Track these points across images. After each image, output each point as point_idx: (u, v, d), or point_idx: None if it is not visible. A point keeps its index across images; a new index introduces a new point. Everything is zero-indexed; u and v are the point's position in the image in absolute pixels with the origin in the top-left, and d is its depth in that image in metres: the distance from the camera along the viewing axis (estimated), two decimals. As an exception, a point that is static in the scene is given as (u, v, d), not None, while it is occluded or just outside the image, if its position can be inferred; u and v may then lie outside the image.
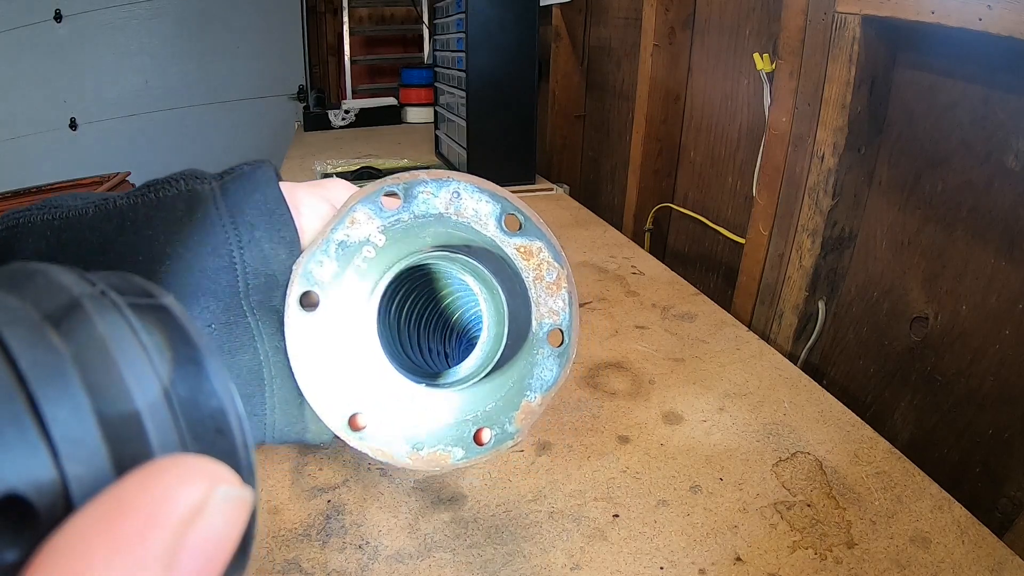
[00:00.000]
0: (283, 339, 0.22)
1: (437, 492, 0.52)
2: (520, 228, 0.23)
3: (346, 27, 2.48)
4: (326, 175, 1.40)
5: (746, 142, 1.02)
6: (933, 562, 0.45)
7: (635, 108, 1.23)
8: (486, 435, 0.24)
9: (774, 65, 0.87)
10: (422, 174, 0.23)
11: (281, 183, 0.23)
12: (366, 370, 0.23)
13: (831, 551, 0.46)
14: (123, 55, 2.89)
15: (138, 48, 2.90)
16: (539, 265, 0.23)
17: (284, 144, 1.98)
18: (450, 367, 0.25)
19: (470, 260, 0.22)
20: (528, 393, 0.23)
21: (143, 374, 0.10)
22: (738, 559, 0.46)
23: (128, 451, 0.09)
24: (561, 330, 0.23)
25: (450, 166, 1.48)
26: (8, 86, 2.76)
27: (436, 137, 1.63)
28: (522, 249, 0.23)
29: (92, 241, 0.19)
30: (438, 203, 0.23)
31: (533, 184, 1.36)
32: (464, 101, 1.27)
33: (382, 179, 0.23)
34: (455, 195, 0.23)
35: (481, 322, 0.24)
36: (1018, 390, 0.62)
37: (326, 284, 0.22)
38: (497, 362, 0.23)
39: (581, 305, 0.83)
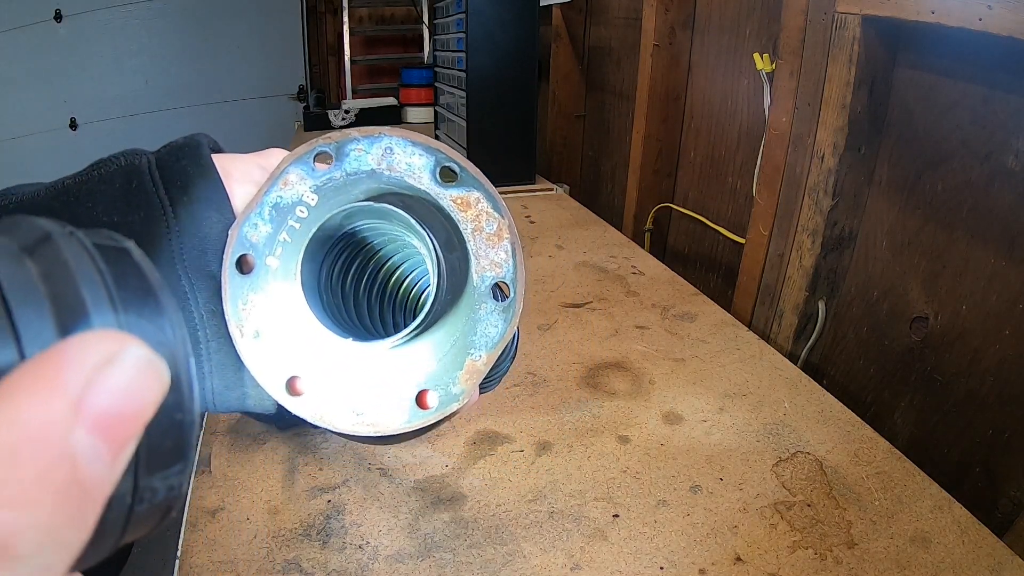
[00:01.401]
0: (219, 303, 0.22)
1: (437, 492, 0.52)
2: (456, 179, 0.22)
3: (346, 27, 2.48)
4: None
5: (746, 142, 1.02)
6: (933, 562, 0.45)
7: (635, 108, 1.23)
8: (431, 398, 0.23)
9: (774, 65, 0.87)
10: (353, 131, 0.22)
11: (217, 154, 0.23)
12: (305, 333, 0.22)
13: (831, 551, 0.46)
14: (123, 55, 2.89)
15: (138, 48, 2.90)
16: (477, 216, 0.22)
17: (284, 144, 1.98)
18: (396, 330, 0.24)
19: (394, 209, 0.20)
20: (472, 351, 0.22)
21: (97, 291, 0.12)
22: (738, 559, 0.46)
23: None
24: (505, 283, 0.22)
25: (450, 166, 1.48)
26: (8, 86, 2.76)
27: (436, 137, 1.63)
28: (459, 200, 0.22)
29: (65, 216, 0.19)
30: (370, 159, 0.22)
31: (533, 184, 1.36)
32: (464, 101, 1.27)
33: (313, 139, 0.23)
34: (387, 151, 0.22)
35: (423, 282, 0.23)
36: (1018, 390, 0.62)
37: (261, 247, 0.22)
38: (430, 319, 0.21)
39: (580, 305, 0.83)
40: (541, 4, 1.28)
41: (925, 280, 0.72)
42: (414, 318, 0.21)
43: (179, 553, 0.45)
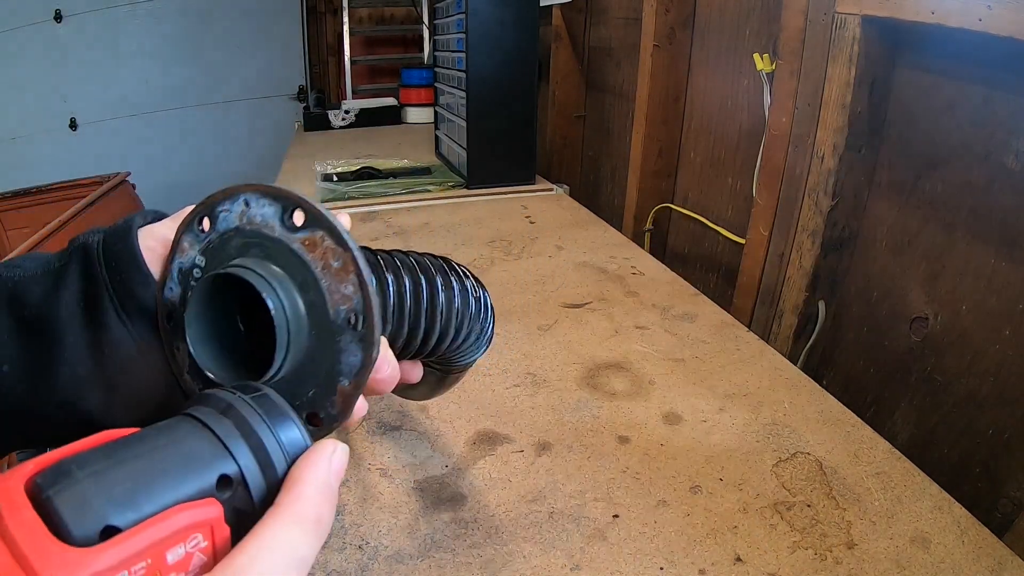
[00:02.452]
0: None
1: (437, 492, 0.52)
2: (304, 222, 0.24)
3: (346, 27, 2.48)
4: (326, 176, 1.40)
5: (746, 142, 1.02)
6: (933, 562, 0.45)
7: (635, 108, 1.23)
8: (317, 419, 0.25)
9: (774, 65, 0.87)
10: (218, 192, 0.25)
11: (148, 226, 0.28)
12: (204, 376, 0.25)
13: (831, 551, 0.46)
14: (123, 55, 2.89)
15: (138, 48, 2.90)
16: (324, 254, 0.23)
17: (284, 144, 1.98)
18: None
19: (242, 267, 0.23)
20: (340, 378, 0.24)
21: (261, 426, 0.20)
22: (738, 559, 0.46)
23: (261, 457, 0.20)
24: (356, 313, 0.23)
25: (450, 166, 1.48)
26: (8, 86, 2.76)
27: (436, 137, 1.63)
28: (307, 241, 0.24)
29: (36, 292, 0.26)
30: (234, 217, 0.25)
31: (533, 184, 1.36)
32: (464, 101, 1.27)
33: (196, 204, 0.26)
34: (246, 205, 0.25)
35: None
36: (1018, 391, 0.62)
37: (178, 304, 0.26)
38: (287, 360, 0.24)
39: (580, 305, 0.83)
40: (541, 4, 1.28)
41: (925, 280, 0.72)
42: (280, 360, 0.24)
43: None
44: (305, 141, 1.92)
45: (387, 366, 0.27)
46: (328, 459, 0.21)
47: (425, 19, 2.26)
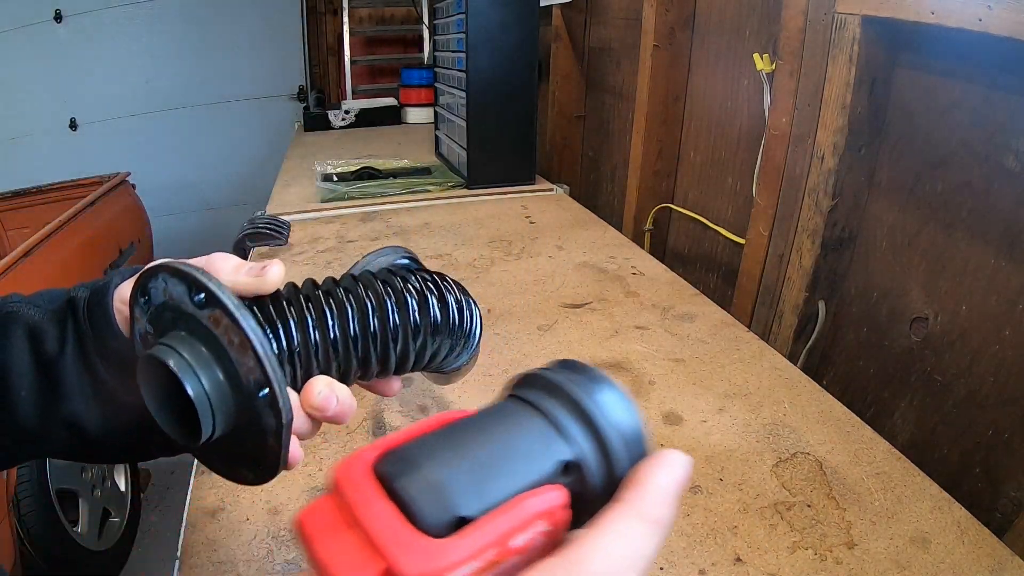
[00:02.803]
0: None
1: (437, 492, 0.52)
2: (204, 300, 0.25)
3: (346, 27, 2.48)
4: (326, 176, 1.40)
5: (746, 142, 1.02)
6: (933, 562, 0.45)
7: (635, 108, 1.23)
8: (258, 469, 0.27)
9: (774, 65, 0.87)
10: (148, 269, 0.27)
11: (125, 282, 0.30)
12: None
13: (831, 551, 0.46)
14: (123, 55, 2.88)
15: (138, 48, 2.90)
16: (226, 330, 0.25)
17: (284, 144, 1.98)
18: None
19: (165, 345, 0.25)
20: (266, 437, 0.26)
21: (592, 407, 0.20)
22: (738, 559, 0.46)
23: (598, 441, 0.19)
24: (260, 384, 0.25)
25: (450, 166, 1.48)
26: (8, 86, 2.76)
27: (436, 137, 1.63)
28: (212, 318, 0.25)
29: (50, 335, 0.30)
30: (160, 293, 0.26)
31: (533, 184, 1.36)
32: (464, 101, 1.27)
33: (136, 277, 0.28)
34: (164, 282, 0.26)
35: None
36: (1018, 391, 0.62)
37: None
38: (219, 419, 0.25)
39: (580, 305, 0.83)
40: (541, 4, 1.28)
41: (925, 280, 0.72)
42: (208, 427, 0.25)
43: (179, 553, 0.45)
44: (305, 141, 1.92)
45: (334, 403, 0.28)
46: (675, 465, 0.21)
47: (425, 19, 2.26)
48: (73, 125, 2.92)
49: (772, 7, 0.92)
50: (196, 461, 0.55)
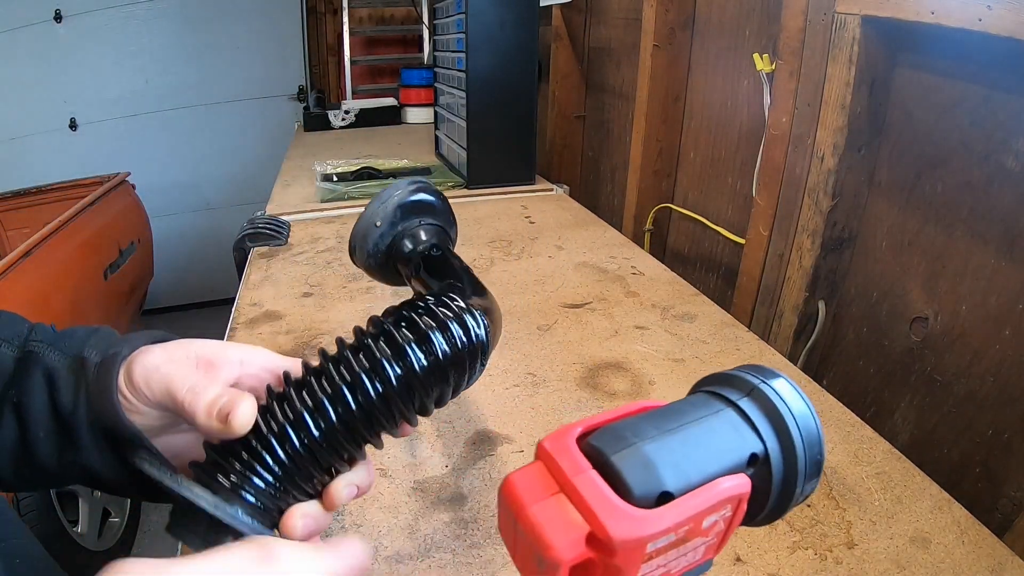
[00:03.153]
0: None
1: (437, 493, 0.52)
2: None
3: (346, 27, 2.48)
4: (326, 176, 1.40)
5: (746, 142, 1.02)
6: (933, 562, 0.45)
7: (635, 108, 1.23)
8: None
9: (774, 65, 0.87)
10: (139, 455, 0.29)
11: (158, 348, 0.30)
12: None
13: (831, 551, 0.46)
14: (123, 55, 2.88)
15: (138, 48, 2.90)
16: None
17: (284, 144, 1.98)
18: None
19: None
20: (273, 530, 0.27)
21: (783, 410, 0.21)
22: (738, 559, 0.46)
23: (784, 440, 0.20)
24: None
25: (450, 166, 1.48)
26: (8, 86, 2.76)
27: (436, 137, 1.63)
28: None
29: (67, 386, 0.30)
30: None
31: (533, 184, 1.36)
32: (464, 101, 1.27)
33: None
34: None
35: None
36: (1018, 390, 0.62)
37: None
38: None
39: (580, 305, 0.83)
40: (541, 4, 1.28)
41: (925, 280, 0.72)
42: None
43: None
44: (305, 141, 1.92)
45: (322, 523, 0.29)
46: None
47: (425, 19, 2.26)
48: (73, 125, 2.92)
49: (772, 7, 0.92)
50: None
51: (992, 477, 0.64)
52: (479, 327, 0.30)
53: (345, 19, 2.48)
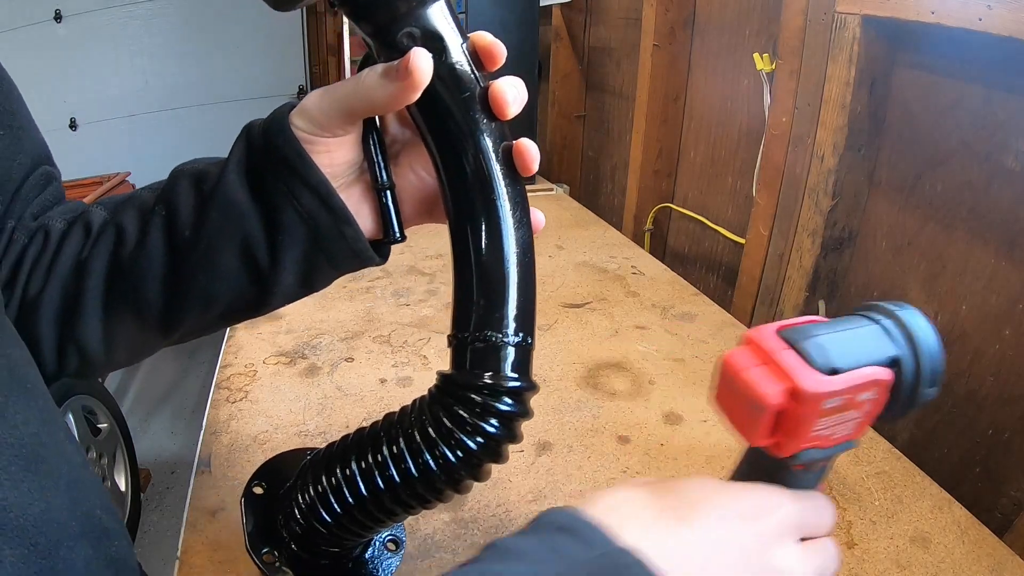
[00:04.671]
0: None
1: (437, 492, 0.52)
2: None
3: (346, 27, 2.48)
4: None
5: (746, 142, 1.02)
6: (933, 562, 0.45)
7: (635, 108, 1.23)
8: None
9: (774, 65, 0.87)
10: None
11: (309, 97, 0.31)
12: None
13: (831, 551, 0.46)
14: (123, 55, 2.88)
15: (138, 48, 2.90)
16: None
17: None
18: None
19: None
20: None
21: (916, 331, 0.26)
22: (738, 559, 0.46)
23: (915, 351, 0.26)
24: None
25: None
26: (8, 86, 2.76)
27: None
28: None
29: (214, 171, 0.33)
30: None
31: (533, 184, 1.36)
32: (464, 101, 1.27)
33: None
34: None
35: None
36: (1018, 390, 0.62)
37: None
38: None
39: (580, 305, 0.83)
40: (541, 4, 1.28)
41: (925, 280, 0.72)
42: None
43: (179, 553, 0.45)
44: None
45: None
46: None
47: (425, 19, 2.26)
48: (73, 125, 2.93)
49: (772, 7, 0.92)
50: (196, 461, 0.55)
51: (992, 477, 0.64)
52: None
53: (345, 19, 2.47)
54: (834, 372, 0.24)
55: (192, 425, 1.98)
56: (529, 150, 0.31)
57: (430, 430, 0.29)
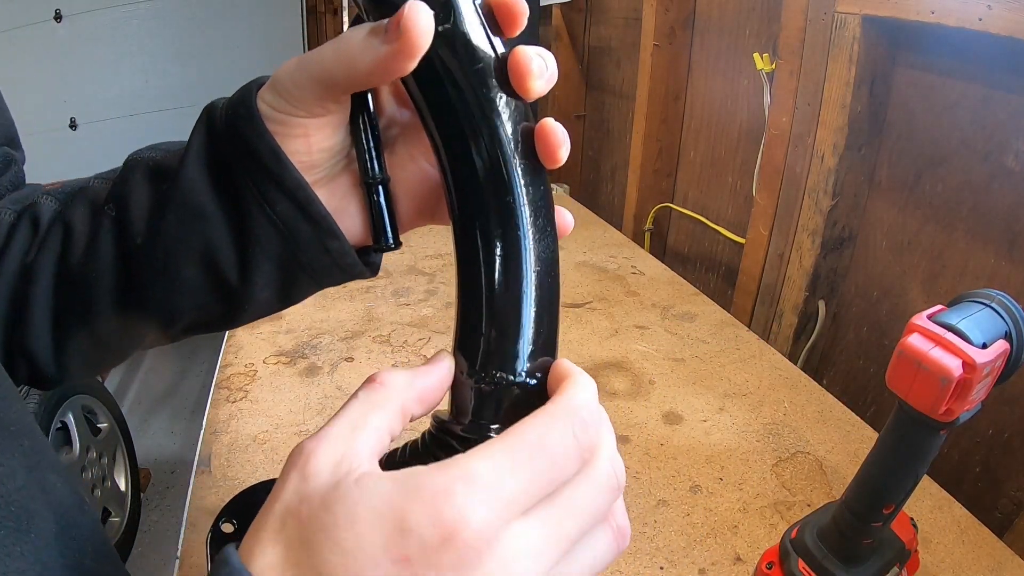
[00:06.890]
0: None
1: (437, 492, 0.52)
2: None
3: (346, 27, 2.48)
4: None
5: (746, 142, 1.02)
6: (933, 562, 0.45)
7: (635, 108, 1.23)
8: None
9: (774, 65, 0.87)
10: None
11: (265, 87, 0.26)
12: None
13: (831, 551, 0.46)
14: (123, 55, 2.88)
15: (138, 48, 2.90)
16: None
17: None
18: None
19: None
20: None
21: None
22: (738, 559, 0.46)
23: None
24: None
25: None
26: (8, 86, 2.75)
27: (436, 137, 1.63)
28: None
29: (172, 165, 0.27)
30: None
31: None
32: (464, 101, 1.27)
33: None
34: None
35: None
36: (1018, 390, 0.62)
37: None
38: None
39: (580, 305, 0.83)
40: (541, 4, 1.28)
41: (925, 280, 0.72)
42: None
43: (179, 553, 0.45)
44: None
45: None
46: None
47: (425, 19, 2.26)
48: (73, 125, 2.93)
49: (772, 7, 0.92)
50: (196, 461, 0.55)
51: (992, 477, 0.64)
52: None
53: (345, 19, 2.48)
54: (984, 346, 0.31)
55: (192, 425, 1.98)
56: (556, 133, 0.24)
57: None
